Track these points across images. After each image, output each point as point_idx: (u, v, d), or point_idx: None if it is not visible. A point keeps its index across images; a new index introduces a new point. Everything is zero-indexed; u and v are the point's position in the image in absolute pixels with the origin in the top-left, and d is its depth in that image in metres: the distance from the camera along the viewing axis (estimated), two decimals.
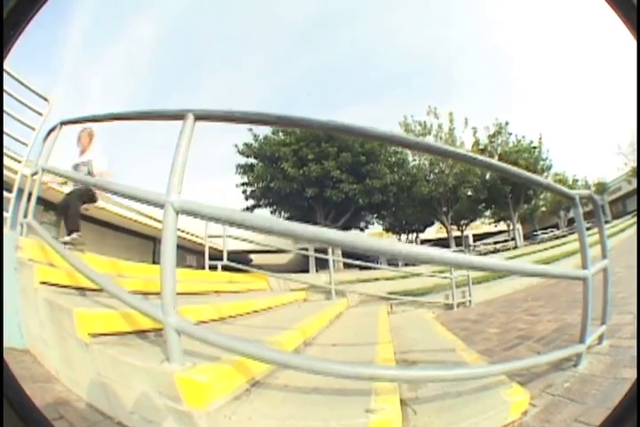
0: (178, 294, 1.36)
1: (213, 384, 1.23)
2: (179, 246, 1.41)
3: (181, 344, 1.30)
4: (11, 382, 1.06)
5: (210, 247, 4.99)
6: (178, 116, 1.53)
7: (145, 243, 15.37)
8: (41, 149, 2.91)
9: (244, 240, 5.06)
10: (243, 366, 1.41)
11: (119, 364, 1.38)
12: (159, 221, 1.48)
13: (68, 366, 1.67)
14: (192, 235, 12.99)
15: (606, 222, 7.05)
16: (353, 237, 1.17)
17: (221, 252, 4.95)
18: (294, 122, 1.59)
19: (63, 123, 2.84)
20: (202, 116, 1.51)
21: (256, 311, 3.07)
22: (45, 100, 3.23)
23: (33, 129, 3.12)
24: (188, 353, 1.33)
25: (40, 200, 2.86)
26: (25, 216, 2.68)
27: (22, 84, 3.00)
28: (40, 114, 3.17)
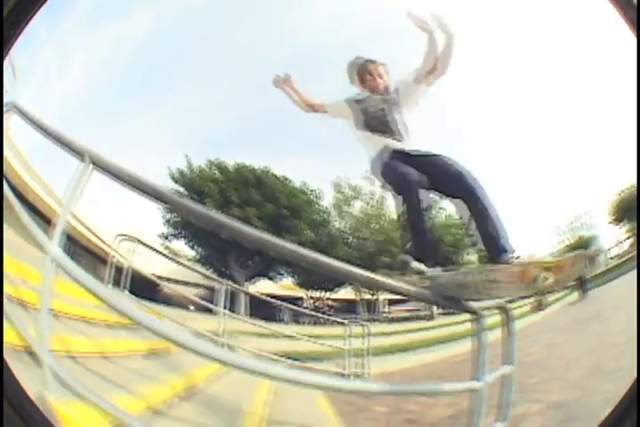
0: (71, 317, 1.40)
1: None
2: (90, 251, 1.47)
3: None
4: (11, 382, 1.05)
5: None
6: (78, 152, 1.57)
7: None
8: None
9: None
10: None
11: None
12: None
13: None
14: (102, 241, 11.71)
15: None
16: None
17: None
18: (190, 210, 1.65)
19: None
20: (98, 163, 1.54)
21: (141, 351, 2.98)
22: None
23: None
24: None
25: None
26: None
27: None
28: None
